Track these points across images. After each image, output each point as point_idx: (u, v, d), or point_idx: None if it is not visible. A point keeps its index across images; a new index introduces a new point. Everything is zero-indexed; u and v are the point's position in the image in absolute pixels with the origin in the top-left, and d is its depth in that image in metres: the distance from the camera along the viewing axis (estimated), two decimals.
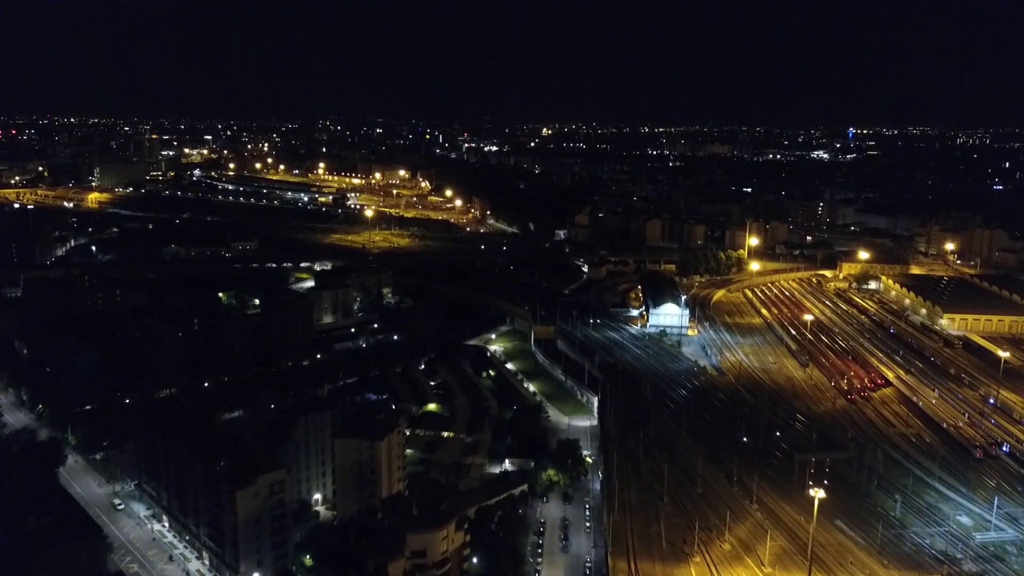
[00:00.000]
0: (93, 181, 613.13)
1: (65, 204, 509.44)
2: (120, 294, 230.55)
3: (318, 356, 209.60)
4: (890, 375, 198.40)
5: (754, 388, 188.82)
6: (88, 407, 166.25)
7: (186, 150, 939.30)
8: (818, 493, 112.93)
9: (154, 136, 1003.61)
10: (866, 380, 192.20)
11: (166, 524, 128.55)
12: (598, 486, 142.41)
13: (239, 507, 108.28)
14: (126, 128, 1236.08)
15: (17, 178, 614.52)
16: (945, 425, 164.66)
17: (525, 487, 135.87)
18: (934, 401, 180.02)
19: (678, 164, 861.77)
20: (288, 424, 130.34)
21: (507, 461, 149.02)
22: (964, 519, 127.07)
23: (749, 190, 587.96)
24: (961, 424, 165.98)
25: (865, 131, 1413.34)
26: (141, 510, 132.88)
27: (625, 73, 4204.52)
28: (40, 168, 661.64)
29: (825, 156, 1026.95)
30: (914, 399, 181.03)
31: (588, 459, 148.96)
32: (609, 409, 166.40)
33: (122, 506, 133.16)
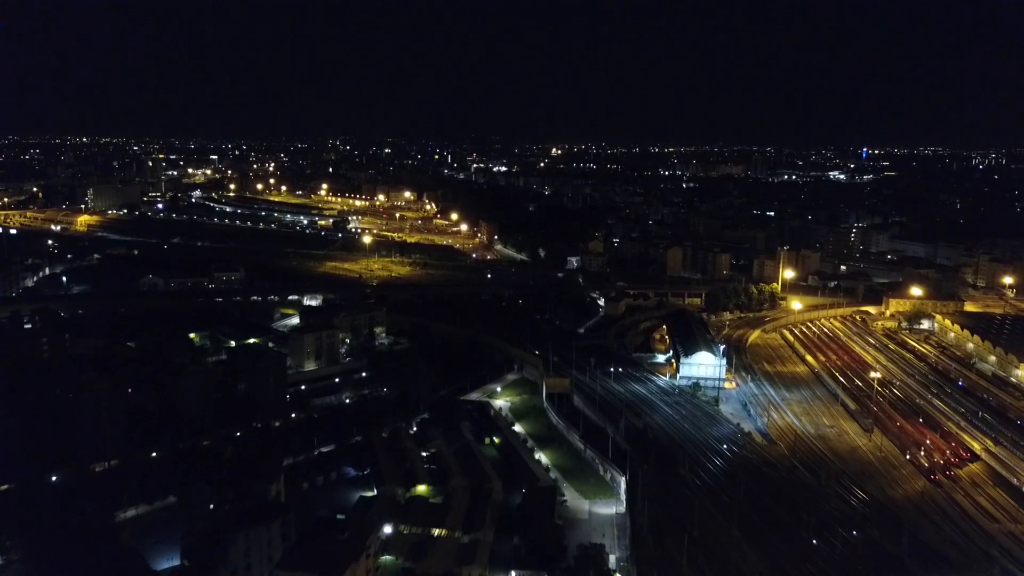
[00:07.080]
0: (87, 202, 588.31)
1: (53, 227, 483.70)
2: (69, 339, 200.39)
3: (292, 415, 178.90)
4: (975, 446, 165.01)
5: (812, 462, 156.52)
6: (5, 487, 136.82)
7: (190, 170, 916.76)
8: None
9: (161, 156, 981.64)
10: (948, 453, 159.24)
11: None
12: None
13: None
14: (135, 148, 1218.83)
15: (6, 199, 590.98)
16: None
17: None
18: None
19: (692, 185, 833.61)
20: (225, 538, 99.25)
21: (514, 573, 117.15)
22: None
23: (772, 214, 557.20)
24: None
25: (877, 151, 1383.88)
26: None
27: (633, 92, 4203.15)
28: (35, 189, 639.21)
29: (842, 177, 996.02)
30: (1014, 481, 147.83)
31: (617, 574, 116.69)
32: (640, 496, 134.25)
33: None
